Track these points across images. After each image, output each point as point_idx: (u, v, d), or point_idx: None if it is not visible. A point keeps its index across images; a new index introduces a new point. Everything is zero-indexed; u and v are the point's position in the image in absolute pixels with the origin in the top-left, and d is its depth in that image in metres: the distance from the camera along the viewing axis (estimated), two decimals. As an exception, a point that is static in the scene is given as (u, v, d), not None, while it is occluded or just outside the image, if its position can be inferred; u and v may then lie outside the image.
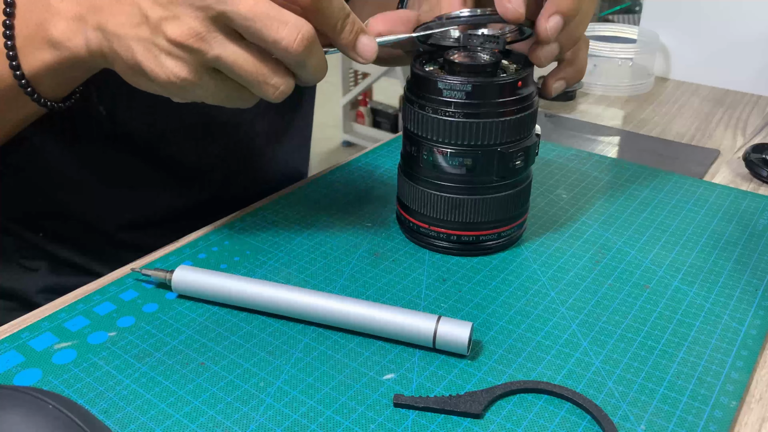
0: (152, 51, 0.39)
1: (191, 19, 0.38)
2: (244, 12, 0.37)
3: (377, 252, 0.53)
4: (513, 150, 0.48)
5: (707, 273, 0.51)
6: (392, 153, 0.69)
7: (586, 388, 0.40)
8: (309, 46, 0.39)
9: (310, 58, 0.40)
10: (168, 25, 0.38)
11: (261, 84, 0.41)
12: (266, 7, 0.38)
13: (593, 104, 0.86)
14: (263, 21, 0.38)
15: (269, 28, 0.38)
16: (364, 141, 2.91)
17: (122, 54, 0.40)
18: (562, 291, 0.48)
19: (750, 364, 0.42)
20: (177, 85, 0.40)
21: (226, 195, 0.68)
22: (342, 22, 0.42)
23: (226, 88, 0.41)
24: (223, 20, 0.38)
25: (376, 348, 0.43)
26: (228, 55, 0.39)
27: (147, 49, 0.39)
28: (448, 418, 0.38)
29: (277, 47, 0.39)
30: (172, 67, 0.39)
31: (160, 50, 0.39)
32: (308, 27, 0.39)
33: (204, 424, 0.37)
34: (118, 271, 0.50)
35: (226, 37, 0.39)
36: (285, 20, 0.38)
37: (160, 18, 0.38)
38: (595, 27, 0.97)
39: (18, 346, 0.42)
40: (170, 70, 0.39)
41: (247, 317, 0.45)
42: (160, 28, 0.38)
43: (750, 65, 0.89)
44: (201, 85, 0.40)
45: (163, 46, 0.39)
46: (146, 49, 0.39)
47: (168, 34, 0.38)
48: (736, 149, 0.73)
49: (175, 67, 0.39)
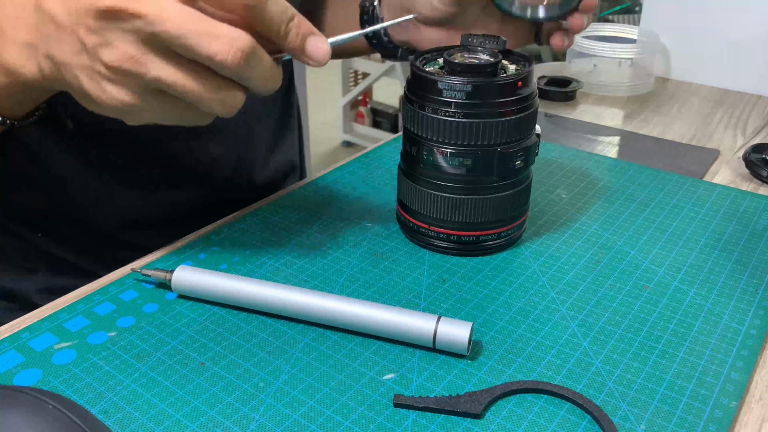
0: (94, 78, 0.39)
1: (123, 43, 0.37)
2: (173, 30, 0.36)
3: (377, 252, 0.53)
4: (513, 150, 0.48)
5: (707, 273, 0.51)
6: (392, 153, 0.69)
7: (586, 388, 0.40)
8: (246, 58, 0.38)
9: (251, 70, 0.39)
10: (103, 52, 0.38)
11: (206, 101, 0.40)
12: (196, 23, 0.37)
13: (593, 104, 0.86)
14: (194, 38, 0.37)
15: (201, 45, 0.37)
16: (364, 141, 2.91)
17: (71, 81, 0.40)
18: (562, 291, 0.48)
19: (750, 364, 0.42)
20: (123, 109, 0.40)
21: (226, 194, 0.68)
22: (285, 26, 0.40)
23: (174, 108, 0.41)
24: (155, 40, 0.37)
25: (376, 348, 0.43)
26: (167, 76, 0.38)
27: (89, 77, 0.39)
28: (448, 418, 0.38)
29: (213, 62, 0.38)
30: (114, 93, 0.39)
31: (101, 77, 0.39)
32: (244, 38, 0.38)
33: (204, 424, 0.37)
34: (118, 271, 0.50)
35: (162, 57, 0.38)
36: (217, 34, 0.37)
37: (95, 45, 0.38)
38: (595, 27, 0.97)
39: (18, 346, 0.42)
40: (113, 95, 0.39)
41: (247, 317, 0.45)
42: (97, 54, 0.38)
43: (750, 65, 0.89)
44: (147, 107, 0.40)
45: (103, 73, 0.38)
46: (89, 77, 0.39)
47: (104, 60, 0.38)
48: (736, 149, 0.73)
49: (117, 92, 0.39)
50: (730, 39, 0.89)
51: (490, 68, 0.48)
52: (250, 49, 0.38)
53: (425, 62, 0.51)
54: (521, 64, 0.50)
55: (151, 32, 0.37)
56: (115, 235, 0.63)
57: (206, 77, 0.39)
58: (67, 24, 0.38)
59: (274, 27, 0.40)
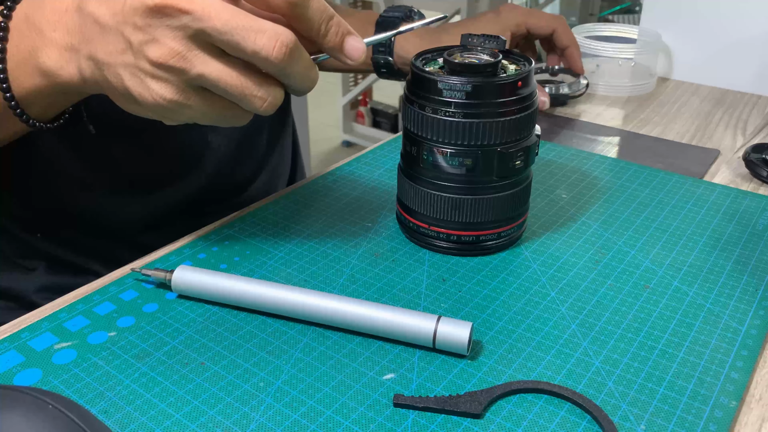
0: (138, 75, 0.39)
1: (170, 39, 0.38)
2: (220, 26, 0.37)
3: (377, 252, 0.53)
4: (513, 150, 0.48)
5: (707, 273, 0.51)
6: (392, 153, 0.69)
7: (586, 388, 0.40)
8: (290, 53, 0.39)
9: (293, 65, 0.40)
10: (149, 48, 0.38)
11: (248, 97, 0.40)
12: (242, 19, 0.38)
13: (593, 104, 0.86)
14: (240, 33, 0.38)
15: (247, 40, 0.38)
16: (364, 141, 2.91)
17: (113, 81, 0.41)
18: (562, 291, 0.48)
19: (750, 364, 0.42)
20: (165, 107, 0.40)
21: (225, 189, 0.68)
22: (325, 25, 0.41)
23: (215, 106, 0.41)
24: (201, 37, 0.38)
25: (376, 348, 0.43)
26: (211, 72, 0.39)
27: (133, 74, 0.40)
28: (448, 418, 0.38)
29: (258, 57, 0.39)
30: (158, 90, 0.39)
31: (145, 74, 0.39)
32: (287, 34, 0.39)
33: (204, 424, 0.37)
34: (118, 271, 0.50)
35: (208, 53, 0.39)
36: (262, 29, 0.38)
37: (141, 42, 0.38)
38: (595, 27, 0.97)
39: (18, 346, 0.42)
40: (156, 92, 0.40)
41: (247, 317, 0.45)
42: (142, 52, 0.39)
43: (750, 65, 0.89)
44: (189, 105, 0.40)
45: (147, 70, 0.39)
46: (132, 74, 0.40)
47: (150, 56, 0.38)
48: (736, 149, 0.73)
49: (160, 89, 0.39)
50: (729, 39, 0.89)
51: (490, 68, 0.48)
52: (294, 44, 0.39)
53: (425, 62, 0.51)
54: (521, 64, 0.50)
55: (198, 28, 0.37)
56: (117, 234, 0.63)
57: (249, 74, 0.40)
58: (112, 24, 0.39)
59: (315, 26, 0.41)
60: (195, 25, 0.37)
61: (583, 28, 0.96)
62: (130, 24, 0.38)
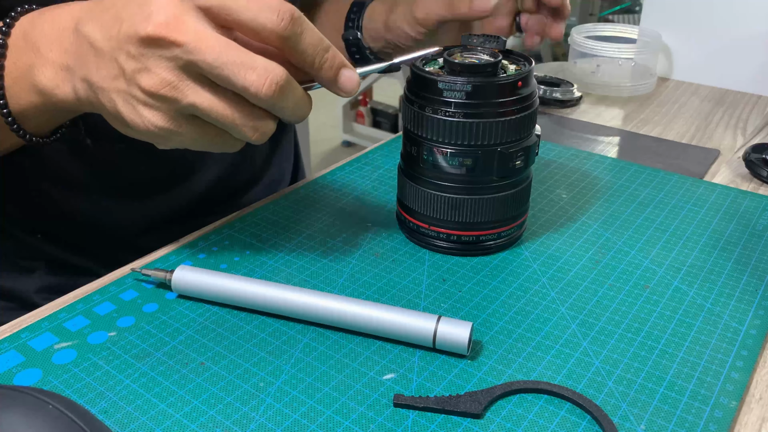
0: (130, 102, 0.40)
1: (162, 69, 0.38)
2: (210, 60, 0.37)
3: (377, 252, 0.53)
4: (513, 150, 0.48)
5: (707, 273, 0.51)
6: (392, 153, 0.69)
7: (586, 388, 0.40)
8: (279, 90, 0.39)
9: (283, 101, 0.40)
10: (141, 77, 0.39)
11: (239, 127, 0.41)
12: (233, 54, 0.38)
13: (593, 104, 0.86)
14: (230, 68, 0.38)
15: (236, 75, 0.38)
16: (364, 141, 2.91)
17: (106, 105, 0.41)
18: (562, 291, 0.48)
19: (750, 364, 0.42)
20: (156, 133, 0.41)
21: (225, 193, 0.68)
22: (320, 59, 0.41)
23: (206, 134, 0.42)
24: (193, 68, 0.38)
25: (376, 348, 0.43)
26: (202, 102, 0.39)
27: (126, 101, 0.40)
28: (448, 418, 0.38)
29: (247, 93, 0.39)
30: (149, 117, 0.40)
31: (138, 101, 0.40)
32: (278, 71, 0.39)
33: (204, 424, 0.37)
34: (118, 271, 0.50)
35: (199, 84, 0.39)
36: (252, 66, 0.38)
37: (134, 70, 0.39)
38: (595, 27, 0.97)
39: (18, 346, 0.42)
40: (148, 119, 0.40)
41: (247, 317, 0.45)
42: (135, 80, 0.39)
43: (750, 65, 0.89)
44: (180, 132, 0.41)
45: (139, 97, 0.39)
46: (125, 101, 0.40)
47: (142, 85, 0.39)
48: (736, 149, 0.73)
49: (152, 116, 0.40)
50: (729, 39, 0.89)
51: (490, 68, 0.48)
52: (284, 82, 0.39)
53: (425, 62, 0.51)
54: (521, 64, 0.50)
55: (190, 60, 0.38)
56: (117, 237, 0.63)
57: (240, 105, 0.40)
58: (107, 49, 0.39)
59: (308, 59, 0.41)
60: (186, 57, 0.38)
61: (583, 28, 0.96)
62: (123, 51, 0.39)
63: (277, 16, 0.38)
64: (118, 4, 0.39)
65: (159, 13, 0.37)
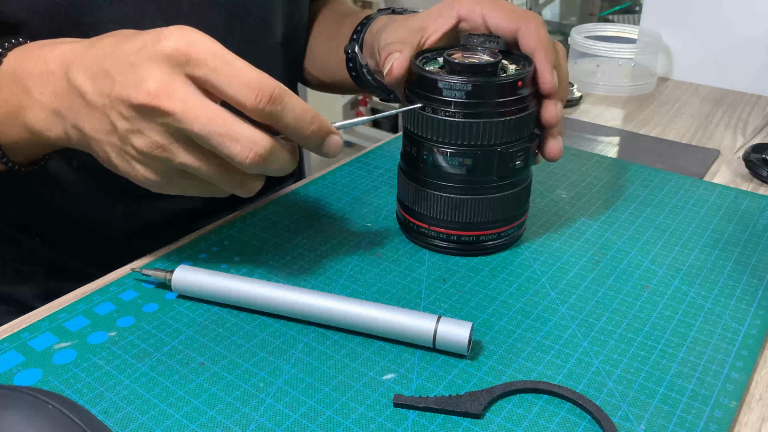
0: (124, 156, 0.41)
1: (154, 133, 0.40)
2: (197, 130, 0.39)
3: (377, 252, 0.53)
4: (513, 150, 0.48)
5: (707, 273, 0.51)
6: (392, 153, 0.69)
7: (586, 388, 0.40)
8: (263, 161, 0.40)
9: (267, 167, 0.41)
10: (134, 138, 0.40)
11: (228, 184, 0.42)
12: (218, 125, 0.39)
13: (593, 104, 0.86)
14: (215, 139, 0.39)
15: (221, 146, 0.39)
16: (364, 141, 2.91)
17: (100, 153, 0.43)
18: (562, 291, 0.48)
19: (750, 364, 0.42)
20: (149, 184, 0.43)
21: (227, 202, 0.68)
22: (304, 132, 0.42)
23: (197, 186, 0.43)
24: (182, 133, 0.39)
25: (376, 348, 0.43)
26: (192, 163, 0.41)
27: (119, 155, 0.42)
28: (448, 418, 0.38)
29: (233, 162, 0.40)
30: (142, 171, 0.42)
31: (131, 157, 0.41)
32: (262, 142, 0.39)
33: (204, 424, 0.37)
34: (118, 271, 0.50)
35: (189, 146, 0.40)
36: (237, 137, 0.39)
37: (127, 131, 0.40)
38: (595, 27, 0.97)
39: (18, 346, 0.42)
40: (141, 173, 0.42)
41: (247, 317, 0.45)
42: (128, 139, 0.40)
43: (750, 65, 0.89)
44: (172, 184, 0.43)
45: (132, 155, 0.41)
46: (119, 155, 0.42)
47: (135, 144, 0.40)
48: (736, 149, 0.73)
49: (145, 171, 0.42)
50: (729, 39, 0.89)
51: (490, 68, 0.48)
52: (267, 152, 0.40)
53: (425, 62, 0.51)
54: (521, 63, 0.50)
55: (179, 128, 0.39)
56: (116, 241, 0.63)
57: (227, 167, 0.42)
58: (99, 104, 0.40)
59: (291, 133, 0.42)
60: (176, 125, 0.39)
61: (583, 28, 0.96)
62: (116, 111, 0.40)
63: (255, 96, 0.39)
64: (108, 57, 0.40)
65: (150, 81, 0.38)
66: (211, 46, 0.39)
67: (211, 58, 0.39)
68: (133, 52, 0.39)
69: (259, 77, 0.39)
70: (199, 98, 0.39)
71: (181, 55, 0.38)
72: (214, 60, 0.39)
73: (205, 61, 0.39)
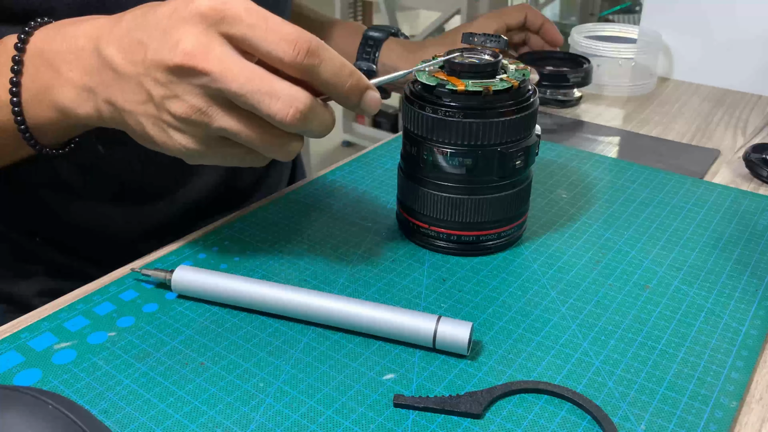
0: (160, 125, 0.41)
1: (191, 96, 0.39)
2: (236, 89, 0.38)
3: (378, 252, 0.53)
4: (513, 150, 0.48)
5: (707, 273, 0.51)
6: (392, 153, 0.69)
7: (586, 388, 0.40)
8: (304, 117, 0.39)
9: (308, 125, 0.40)
10: (171, 103, 0.39)
11: (267, 148, 0.41)
12: (257, 83, 0.38)
13: (593, 104, 0.86)
14: (255, 97, 0.38)
15: (261, 104, 0.38)
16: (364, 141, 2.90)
17: (134, 126, 0.42)
18: (562, 291, 0.48)
19: (750, 364, 0.42)
20: (187, 154, 0.42)
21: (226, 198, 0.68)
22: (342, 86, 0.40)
23: (236, 154, 0.42)
24: (220, 95, 0.39)
25: (376, 348, 0.43)
26: (231, 126, 0.40)
27: (155, 124, 0.41)
28: (448, 418, 0.38)
29: (273, 120, 0.39)
30: (180, 140, 0.41)
31: (168, 125, 0.40)
32: (302, 98, 0.39)
33: (204, 424, 0.37)
34: (118, 271, 0.50)
35: (227, 109, 0.39)
36: (277, 94, 0.38)
37: (163, 97, 0.39)
38: (595, 27, 0.97)
39: (18, 346, 0.42)
40: (179, 142, 0.41)
41: (247, 317, 0.45)
42: (164, 106, 0.39)
43: (750, 65, 0.89)
44: (210, 152, 0.42)
45: (169, 122, 0.40)
46: (155, 124, 0.41)
47: (172, 111, 0.39)
48: (736, 149, 0.73)
49: (183, 139, 0.41)
50: (729, 38, 0.89)
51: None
52: (308, 108, 0.39)
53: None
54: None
55: (217, 88, 0.38)
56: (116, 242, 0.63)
57: (267, 128, 0.40)
58: (132, 74, 0.40)
59: (330, 88, 0.40)
60: (214, 85, 0.38)
61: (583, 28, 0.96)
62: (151, 78, 0.39)
63: (293, 49, 0.38)
64: (138, 28, 0.40)
65: (185, 41, 0.37)
66: (245, 3, 0.38)
67: (245, 14, 0.38)
68: (164, 17, 0.38)
69: (296, 31, 0.38)
70: (236, 57, 0.38)
71: (216, 14, 0.38)
72: (249, 16, 0.38)
73: (240, 18, 0.38)
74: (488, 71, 0.48)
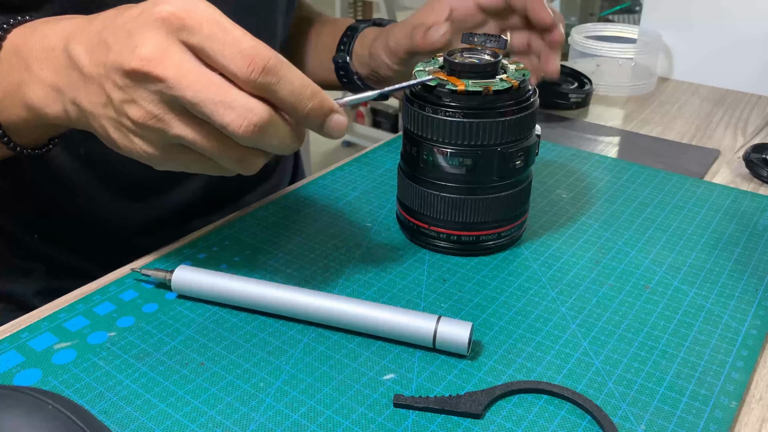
0: (121, 130, 0.40)
1: (147, 102, 0.38)
2: (190, 96, 0.37)
3: (377, 252, 0.53)
4: (513, 150, 0.48)
5: (707, 273, 0.51)
6: (392, 153, 0.69)
7: (586, 388, 0.40)
8: (259, 131, 0.37)
9: (264, 140, 0.38)
10: (129, 108, 0.38)
11: (225, 160, 0.40)
12: (213, 92, 0.37)
13: (593, 104, 0.86)
14: (209, 106, 0.37)
15: (214, 113, 0.37)
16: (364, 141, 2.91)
17: (98, 129, 0.41)
18: (562, 291, 0.48)
19: (750, 364, 0.42)
20: (149, 160, 0.41)
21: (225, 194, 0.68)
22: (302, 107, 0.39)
23: (199, 161, 0.41)
24: (177, 102, 0.38)
25: (376, 348, 0.43)
26: (187, 135, 0.39)
27: (117, 128, 0.40)
28: (448, 418, 0.38)
29: (226, 131, 0.38)
30: (141, 145, 0.40)
31: (128, 130, 0.40)
32: (258, 112, 0.37)
33: (204, 424, 0.37)
34: (118, 271, 0.50)
35: (184, 117, 0.38)
36: (231, 105, 0.37)
37: (121, 101, 0.38)
38: (595, 27, 0.97)
39: (18, 346, 0.42)
40: (140, 147, 0.40)
41: (247, 317, 0.45)
42: (123, 110, 0.39)
43: (750, 65, 0.89)
44: (171, 158, 0.41)
45: (129, 127, 0.39)
46: (116, 128, 0.40)
47: (130, 115, 0.39)
48: (736, 149, 0.73)
49: (143, 145, 0.40)
50: (730, 39, 0.89)
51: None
52: (264, 122, 0.38)
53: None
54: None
55: (172, 95, 0.37)
56: (116, 238, 0.63)
57: (224, 140, 0.39)
58: (95, 75, 0.39)
59: (288, 108, 0.39)
60: (169, 92, 0.37)
61: (583, 28, 0.96)
62: (110, 80, 0.38)
63: (248, 66, 0.36)
64: (107, 28, 0.39)
65: (144, 46, 0.37)
66: (208, 13, 0.37)
67: (206, 24, 0.37)
68: (131, 19, 0.38)
69: (254, 45, 0.37)
70: (194, 65, 0.37)
71: (177, 20, 0.37)
72: (210, 27, 0.37)
73: (200, 27, 0.37)
74: (488, 71, 0.48)
